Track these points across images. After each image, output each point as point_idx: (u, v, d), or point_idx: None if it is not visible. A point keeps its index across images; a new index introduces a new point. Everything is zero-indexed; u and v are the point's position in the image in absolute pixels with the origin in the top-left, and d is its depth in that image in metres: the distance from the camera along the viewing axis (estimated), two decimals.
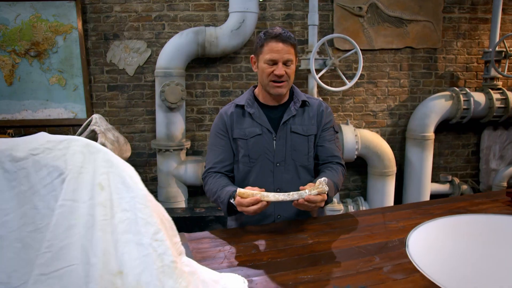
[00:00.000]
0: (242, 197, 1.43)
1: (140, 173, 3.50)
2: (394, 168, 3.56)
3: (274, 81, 1.65)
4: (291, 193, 1.40)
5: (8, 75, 3.49)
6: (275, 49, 1.63)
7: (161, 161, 3.45)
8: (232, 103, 1.81)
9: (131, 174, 0.91)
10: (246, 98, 1.77)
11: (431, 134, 3.59)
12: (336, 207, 3.58)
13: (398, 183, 3.74)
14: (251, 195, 1.40)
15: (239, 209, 1.46)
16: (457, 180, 3.81)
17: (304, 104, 1.77)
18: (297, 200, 1.41)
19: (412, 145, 3.65)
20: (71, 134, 3.58)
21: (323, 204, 1.47)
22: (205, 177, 1.76)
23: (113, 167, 0.90)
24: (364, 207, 3.63)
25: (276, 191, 1.67)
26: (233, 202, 1.49)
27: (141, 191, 0.89)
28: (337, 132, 1.84)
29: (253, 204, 1.41)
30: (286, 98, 1.80)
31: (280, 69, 1.63)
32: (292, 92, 1.83)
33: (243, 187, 1.50)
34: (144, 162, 3.72)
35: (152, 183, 3.73)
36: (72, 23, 3.43)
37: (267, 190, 1.46)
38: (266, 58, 1.64)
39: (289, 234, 1.45)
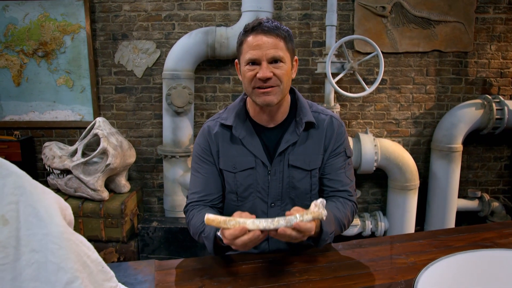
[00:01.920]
0: (211, 225, 1.11)
1: (147, 179, 3.30)
2: (417, 182, 3.26)
3: (259, 88, 1.25)
4: (276, 219, 1.08)
5: (16, 75, 3.42)
6: (255, 44, 1.23)
7: (167, 167, 3.29)
8: (216, 120, 1.41)
9: (48, 205, 0.72)
10: (234, 115, 1.37)
11: (459, 145, 3.27)
12: (353, 222, 3.32)
13: (421, 198, 3.44)
14: (222, 223, 1.08)
15: (224, 241, 1.12)
16: (487, 197, 3.47)
17: (309, 125, 1.37)
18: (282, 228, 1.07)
19: (438, 157, 3.34)
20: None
21: (306, 238, 1.13)
22: (187, 210, 1.41)
23: (25, 195, 0.71)
24: (383, 222, 3.35)
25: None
26: (220, 235, 1.17)
27: (57, 227, 0.70)
28: (349, 157, 1.43)
29: (237, 237, 1.07)
30: (285, 115, 1.39)
31: (264, 70, 1.22)
32: (295, 106, 1.41)
33: None
34: (151, 168, 3.57)
35: (159, 190, 3.58)
36: (80, 22, 3.33)
37: None
38: (246, 59, 1.26)
39: (275, 267, 1.23)
